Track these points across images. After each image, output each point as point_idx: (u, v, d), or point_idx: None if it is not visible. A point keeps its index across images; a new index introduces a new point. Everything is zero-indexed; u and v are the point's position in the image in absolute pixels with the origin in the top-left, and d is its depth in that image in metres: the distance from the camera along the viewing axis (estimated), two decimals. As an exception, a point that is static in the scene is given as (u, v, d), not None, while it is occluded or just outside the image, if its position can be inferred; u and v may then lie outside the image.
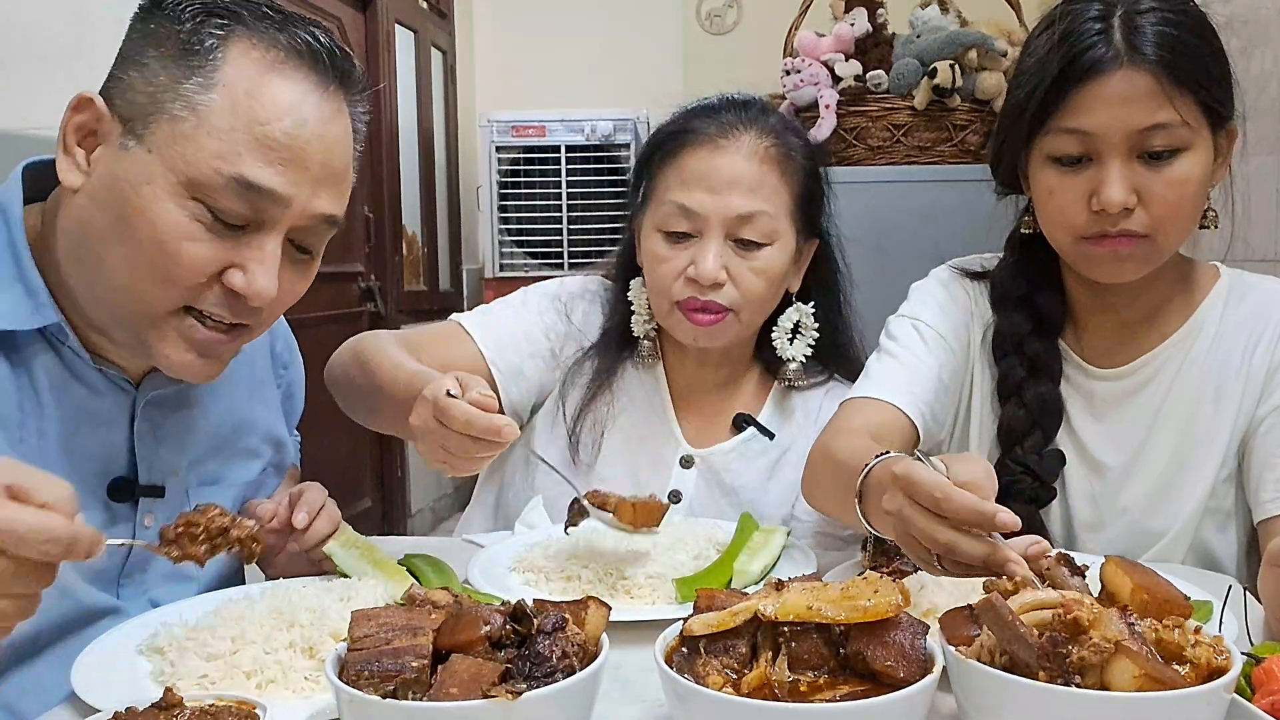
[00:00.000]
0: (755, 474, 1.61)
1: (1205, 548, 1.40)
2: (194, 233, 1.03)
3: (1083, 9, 1.28)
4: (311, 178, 1.07)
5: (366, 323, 4.65)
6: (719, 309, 1.53)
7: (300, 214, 1.08)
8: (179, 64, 1.04)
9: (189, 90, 1.03)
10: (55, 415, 1.11)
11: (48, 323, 1.09)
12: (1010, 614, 0.79)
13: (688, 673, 0.82)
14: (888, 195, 2.71)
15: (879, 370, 1.45)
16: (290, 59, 1.06)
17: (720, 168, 1.52)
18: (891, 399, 1.39)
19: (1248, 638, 1.01)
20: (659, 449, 1.63)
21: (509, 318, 1.66)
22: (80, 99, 1.06)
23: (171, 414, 1.22)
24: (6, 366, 1.09)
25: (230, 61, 1.04)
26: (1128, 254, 1.30)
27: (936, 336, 1.47)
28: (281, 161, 1.04)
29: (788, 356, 1.63)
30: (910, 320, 1.49)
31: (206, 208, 1.03)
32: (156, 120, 1.03)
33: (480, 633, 0.81)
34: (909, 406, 1.39)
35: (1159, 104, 1.24)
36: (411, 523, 5.02)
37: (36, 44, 2.49)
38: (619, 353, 1.66)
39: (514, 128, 4.83)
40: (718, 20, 5.73)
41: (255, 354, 1.35)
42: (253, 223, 1.06)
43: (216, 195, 1.03)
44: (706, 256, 1.51)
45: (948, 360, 1.46)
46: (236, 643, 1.01)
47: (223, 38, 1.05)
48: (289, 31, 1.07)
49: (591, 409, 1.62)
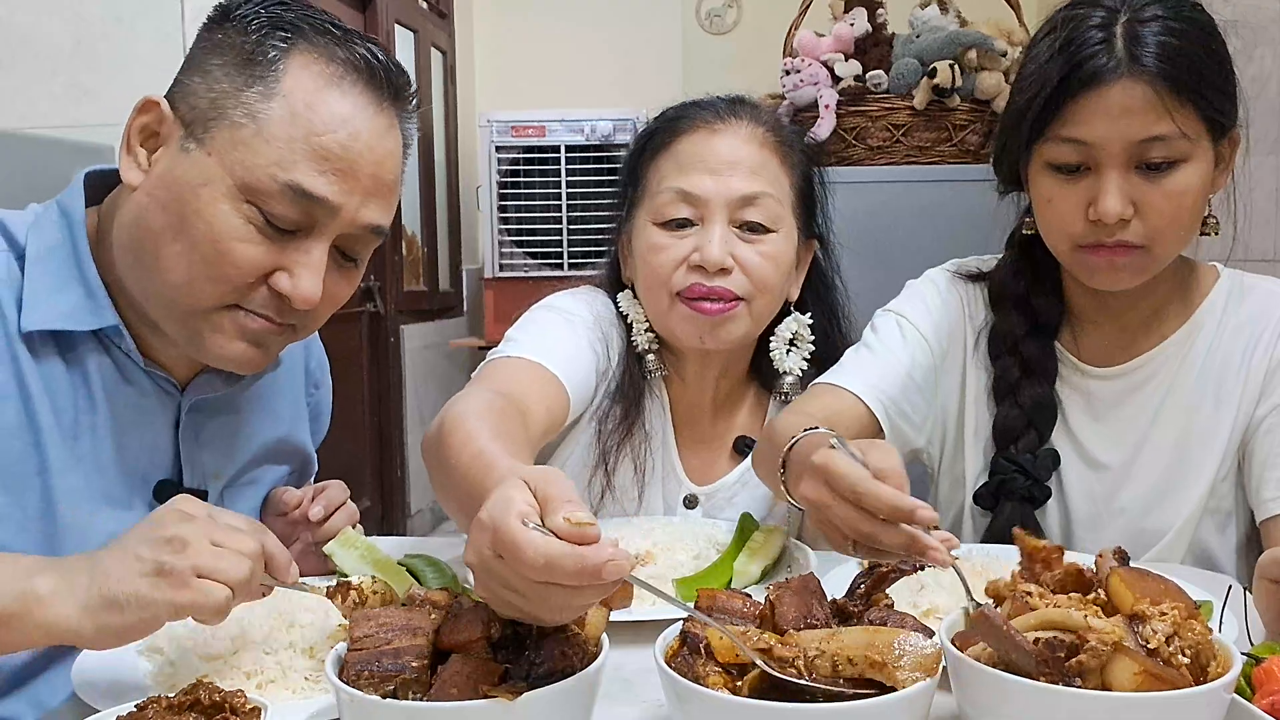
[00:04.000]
0: (758, 502, 1.55)
1: (1204, 548, 1.40)
2: (247, 234, 1.07)
3: (1085, 15, 1.27)
4: (362, 188, 1.10)
5: (366, 323, 4.65)
6: (728, 296, 1.43)
7: (349, 223, 1.11)
8: (242, 72, 1.08)
9: (250, 98, 1.07)
10: (107, 415, 1.14)
11: (106, 324, 1.12)
12: (1004, 623, 0.79)
13: (688, 673, 0.82)
14: (888, 195, 2.71)
15: (852, 360, 1.47)
16: (349, 74, 1.10)
17: (719, 148, 1.46)
18: (851, 386, 1.41)
19: (1248, 638, 1.01)
20: (662, 488, 1.55)
21: (561, 333, 1.47)
22: (145, 101, 1.10)
23: (214, 419, 1.25)
24: (62, 365, 1.12)
25: (290, 73, 1.08)
26: (1124, 264, 1.30)
27: (918, 336, 1.47)
28: (335, 172, 1.08)
29: (784, 369, 1.55)
30: (895, 316, 1.49)
31: (260, 211, 1.07)
32: (217, 125, 1.07)
33: (480, 633, 0.81)
34: (869, 396, 1.40)
35: (1158, 116, 1.23)
36: (411, 523, 5.02)
37: (36, 44, 2.49)
38: (636, 381, 1.53)
39: (514, 128, 4.82)
40: (718, 20, 5.73)
41: (294, 368, 1.39)
42: (302, 228, 1.09)
43: (270, 200, 1.06)
44: (712, 240, 1.42)
45: (923, 359, 1.46)
46: (236, 643, 1.02)
47: (285, 50, 1.08)
48: (347, 47, 1.11)
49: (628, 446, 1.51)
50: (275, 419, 1.33)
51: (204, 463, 1.23)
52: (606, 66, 5.56)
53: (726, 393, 1.60)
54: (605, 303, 1.58)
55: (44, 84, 2.45)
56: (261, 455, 1.31)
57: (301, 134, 1.06)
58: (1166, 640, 0.79)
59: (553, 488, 0.79)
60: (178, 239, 1.07)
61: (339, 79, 1.09)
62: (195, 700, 0.82)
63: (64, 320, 1.11)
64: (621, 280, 1.57)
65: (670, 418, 1.57)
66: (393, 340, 4.82)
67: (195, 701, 0.82)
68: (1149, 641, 0.79)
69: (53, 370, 1.11)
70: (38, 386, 1.09)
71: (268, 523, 1.30)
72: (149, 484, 1.19)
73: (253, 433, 1.30)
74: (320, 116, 1.07)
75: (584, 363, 1.47)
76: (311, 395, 1.45)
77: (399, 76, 1.15)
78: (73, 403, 1.12)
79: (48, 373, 1.11)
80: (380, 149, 1.12)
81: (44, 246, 1.13)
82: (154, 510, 0.95)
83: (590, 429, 1.52)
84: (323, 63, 1.09)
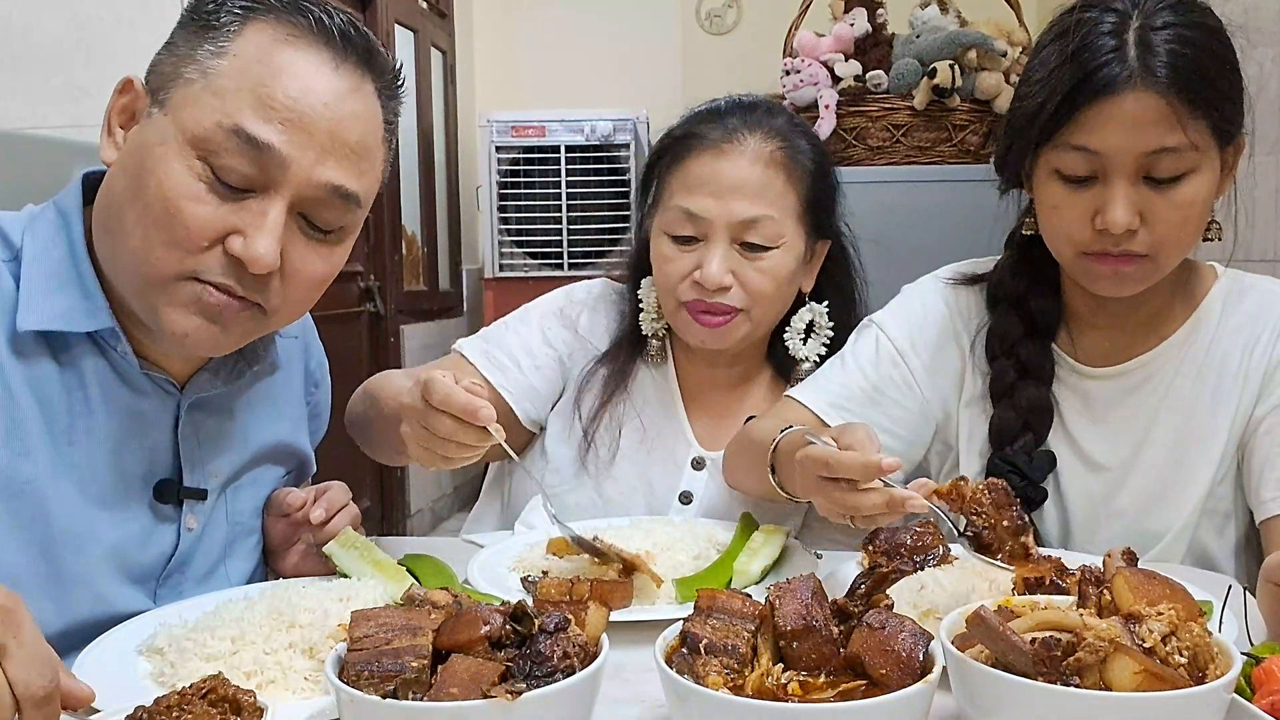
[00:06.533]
0: None
1: (1203, 549, 1.40)
2: (197, 192, 1.05)
3: (1096, 21, 1.26)
4: (316, 144, 1.08)
5: (366, 323, 4.65)
6: (727, 310, 1.53)
7: (304, 181, 1.08)
8: (198, 36, 1.08)
9: (202, 56, 1.07)
10: (104, 418, 1.13)
11: (102, 326, 1.11)
12: (1000, 624, 0.79)
13: (688, 673, 0.82)
14: (888, 195, 2.71)
15: (824, 373, 1.52)
16: (304, 35, 1.09)
17: (724, 173, 1.52)
18: (812, 404, 1.47)
19: (1248, 638, 1.01)
20: (670, 450, 1.63)
21: (509, 337, 1.66)
22: (123, 81, 1.11)
23: (213, 418, 1.24)
24: (55, 367, 1.11)
25: (245, 35, 1.08)
26: (1129, 272, 1.29)
27: (891, 351, 1.49)
28: (283, 121, 1.06)
29: (800, 356, 1.62)
30: (875, 329, 1.52)
31: (209, 167, 1.05)
32: (174, 86, 1.07)
33: (480, 633, 0.81)
34: (828, 415, 1.44)
35: (1170, 128, 1.22)
36: (411, 523, 5.02)
37: (36, 44, 2.49)
38: (631, 353, 1.66)
39: (514, 128, 4.82)
40: (717, 20, 5.73)
41: (295, 369, 1.38)
42: (255, 186, 1.07)
43: (218, 151, 1.05)
44: (711, 261, 1.51)
45: (897, 375, 1.48)
46: (236, 643, 1.01)
47: (242, 16, 1.09)
48: (308, 13, 1.10)
49: (607, 411, 1.62)
50: (276, 420, 1.32)
51: (204, 462, 1.22)
52: (606, 66, 5.57)
53: (739, 376, 1.68)
54: (591, 289, 1.72)
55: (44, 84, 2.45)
56: (262, 455, 1.30)
57: (250, 84, 1.05)
58: (1163, 640, 0.79)
59: (464, 374, 1.17)
60: (135, 202, 1.06)
61: (294, 38, 1.09)
62: (210, 689, 0.81)
63: (59, 321, 1.09)
64: (648, 263, 1.64)
65: (679, 391, 1.67)
66: (393, 340, 4.82)
67: (210, 690, 0.81)
68: (1145, 641, 0.79)
69: (46, 375, 1.10)
70: (26, 393, 1.08)
71: (269, 524, 1.30)
72: (148, 485, 1.18)
73: (253, 433, 1.29)
74: (269, 69, 1.06)
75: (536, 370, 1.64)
76: (311, 395, 1.44)
77: (361, 39, 1.13)
78: (67, 408, 1.11)
79: (40, 378, 1.09)
80: (339, 108, 1.09)
81: (40, 248, 1.11)
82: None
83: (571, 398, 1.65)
84: (279, 25, 1.09)
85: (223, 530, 1.25)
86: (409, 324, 4.98)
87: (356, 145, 1.11)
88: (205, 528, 1.22)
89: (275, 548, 1.31)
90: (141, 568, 1.17)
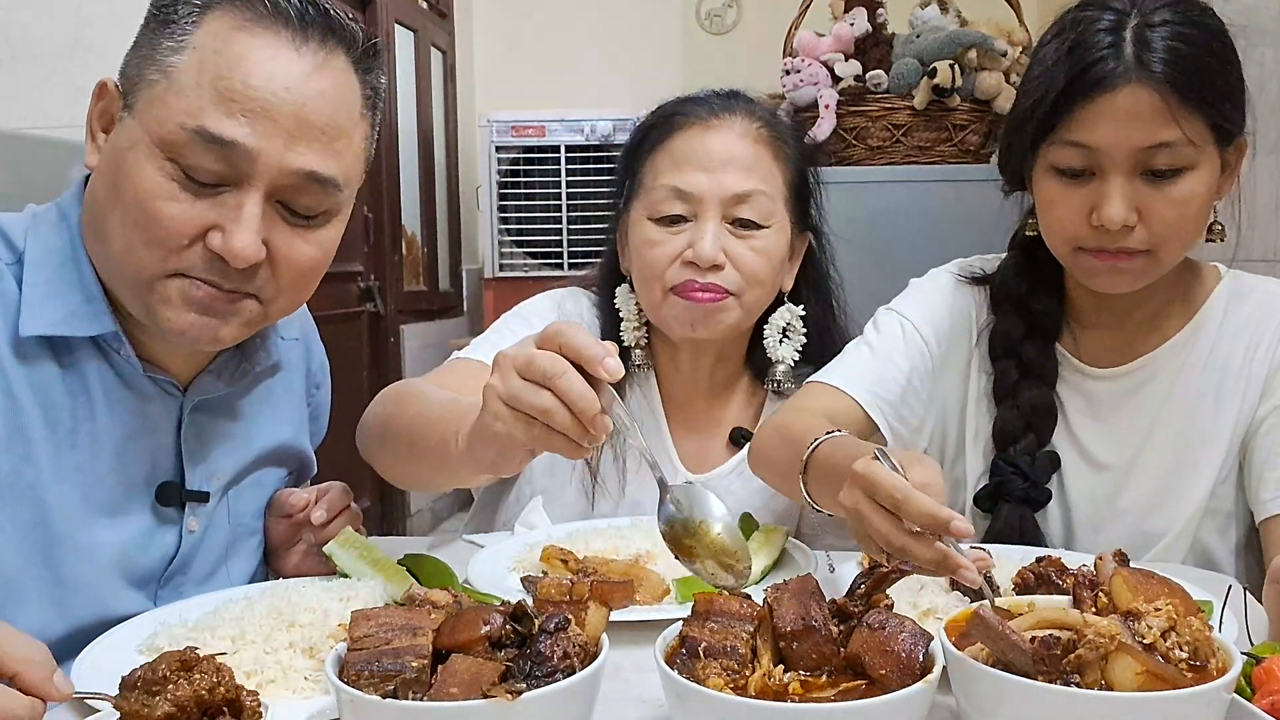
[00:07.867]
0: (755, 494, 1.55)
1: (1205, 549, 1.40)
2: (171, 192, 1.04)
3: (1094, 18, 1.26)
4: (284, 131, 1.06)
5: (366, 323, 4.65)
6: (720, 290, 1.48)
7: (277, 170, 1.06)
8: (158, 34, 1.07)
9: (161, 54, 1.06)
10: (107, 421, 1.13)
11: (105, 330, 1.11)
12: (1000, 624, 0.79)
13: (688, 673, 0.82)
14: (888, 195, 2.71)
15: (853, 358, 1.46)
16: (260, 20, 1.07)
17: (713, 146, 1.49)
18: (851, 390, 1.41)
19: (1248, 638, 1.01)
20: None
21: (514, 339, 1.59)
22: (99, 85, 1.11)
23: (216, 420, 1.24)
24: (58, 371, 1.10)
25: (203, 26, 1.07)
26: (1126, 268, 1.29)
27: (918, 339, 1.47)
28: (245, 114, 1.04)
29: (777, 358, 1.58)
30: (898, 316, 1.49)
31: (179, 167, 1.04)
32: (139, 88, 1.07)
33: (480, 633, 0.81)
34: (868, 402, 1.40)
35: (1165, 122, 1.22)
36: (411, 523, 5.02)
37: (36, 44, 2.49)
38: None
39: (514, 128, 4.83)
40: (717, 20, 5.73)
41: (296, 370, 1.37)
42: (227, 181, 1.06)
43: (186, 152, 1.04)
44: (704, 237, 1.46)
45: (922, 364, 1.46)
46: (236, 643, 1.01)
47: (200, 8, 1.08)
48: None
49: None
50: (278, 422, 1.32)
51: (206, 464, 1.22)
52: (606, 66, 5.57)
53: (721, 382, 1.62)
54: (578, 300, 1.64)
55: (44, 84, 2.45)
56: (264, 457, 1.30)
57: (209, 79, 1.04)
58: (1163, 635, 0.79)
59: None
60: (115, 206, 1.06)
61: (251, 24, 1.07)
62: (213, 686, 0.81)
63: (62, 325, 1.09)
64: (620, 271, 1.59)
65: (662, 406, 1.60)
66: (393, 340, 4.82)
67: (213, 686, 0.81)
68: (1144, 637, 0.79)
69: (48, 379, 1.09)
70: (29, 397, 1.07)
71: (271, 524, 1.30)
72: (151, 488, 1.17)
73: (255, 435, 1.29)
74: (227, 59, 1.04)
75: None
76: (312, 396, 1.44)
77: (322, 16, 1.10)
78: (70, 412, 1.10)
79: (42, 381, 1.09)
80: (304, 90, 1.07)
81: (42, 251, 1.11)
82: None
83: None
84: (236, 12, 1.07)
85: (224, 532, 1.25)
86: (409, 324, 4.98)
87: (327, 126, 1.09)
88: (207, 530, 1.22)
89: (276, 548, 1.31)
90: (143, 571, 1.17)
